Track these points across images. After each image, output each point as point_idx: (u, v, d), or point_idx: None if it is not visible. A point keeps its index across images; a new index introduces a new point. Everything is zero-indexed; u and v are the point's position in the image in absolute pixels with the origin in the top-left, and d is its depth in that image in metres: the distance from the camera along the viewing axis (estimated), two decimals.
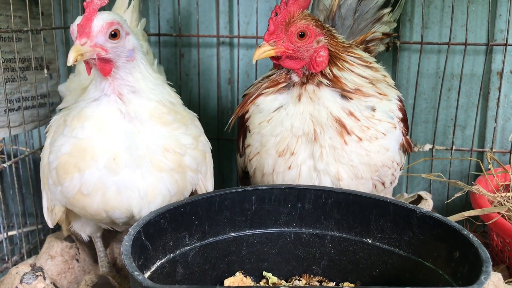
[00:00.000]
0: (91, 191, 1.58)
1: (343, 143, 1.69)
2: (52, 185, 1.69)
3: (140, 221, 1.47)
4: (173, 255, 1.56)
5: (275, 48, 1.64)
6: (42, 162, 1.77)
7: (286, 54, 1.66)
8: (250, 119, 1.83)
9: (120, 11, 2.09)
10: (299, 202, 1.70)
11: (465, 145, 2.48)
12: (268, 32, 1.63)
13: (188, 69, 2.65)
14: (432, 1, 2.37)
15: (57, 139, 1.65)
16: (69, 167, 1.59)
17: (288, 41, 1.64)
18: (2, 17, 2.11)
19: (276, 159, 1.76)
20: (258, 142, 1.80)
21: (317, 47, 1.67)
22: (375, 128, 1.71)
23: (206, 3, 2.54)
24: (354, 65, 1.73)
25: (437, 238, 1.51)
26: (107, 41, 1.52)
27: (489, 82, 2.39)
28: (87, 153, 1.57)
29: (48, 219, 1.83)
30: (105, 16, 1.52)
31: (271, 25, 1.62)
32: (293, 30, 1.64)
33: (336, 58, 1.71)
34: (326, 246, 1.71)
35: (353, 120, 1.69)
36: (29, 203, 2.51)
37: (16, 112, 2.22)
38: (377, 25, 2.01)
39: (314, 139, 1.70)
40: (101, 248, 1.98)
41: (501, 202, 2.09)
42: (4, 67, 2.11)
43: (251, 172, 1.89)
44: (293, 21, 1.63)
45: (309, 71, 1.70)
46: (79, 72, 2.08)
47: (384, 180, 1.80)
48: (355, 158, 1.71)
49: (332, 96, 1.70)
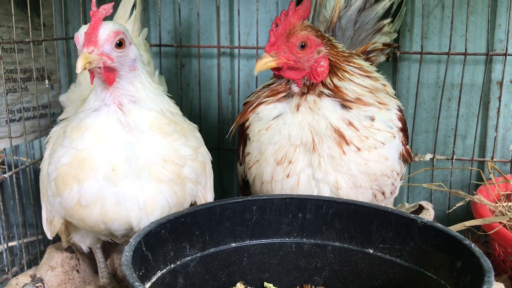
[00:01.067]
0: (90, 203, 1.58)
1: (342, 153, 1.69)
2: (51, 197, 1.68)
3: (141, 232, 1.47)
4: (174, 265, 1.55)
5: (276, 59, 1.63)
6: (42, 173, 1.77)
7: (287, 65, 1.66)
8: (250, 127, 1.84)
9: (121, 20, 2.09)
10: (300, 212, 1.70)
11: (466, 155, 2.48)
12: (269, 44, 1.63)
13: (189, 79, 2.66)
14: (432, 12, 2.38)
15: (57, 150, 1.65)
16: (68, 178, 1.59)
17: (289, 52, 1.64)
18: (4, 28, 2.12)
19: (274, 167, 1.76)
20: (257, 150, 1.81)
21: (317, 57, 1.68)
22: (374, 138, 1.72)
23: (207, 14, 2.56)
24: (354, 75, 1.73)
25: (438, 248, 1.51)
26: (113, 50, 1.52)
27: (489, 92, 2.40)
28: (87, 164, 1.57)
29: (47, 231, 1.82)
30: (111, 25, 1.53)
31: (271, 36, 1.62)
32: (294, 41, 1.64)
33: (337, 68, 1.71)
34: (327, 257, 1.71)
35: (352, 130, 1.70)
36: (30, 213, 2.51)
37: (17, 122, 2.23)
38: (378, 36, 2.02)
39: (312, 149, 1.71)
40: (101, 259, 1.97)
41: (502, 212, 2.08)
42: (5, 78, 2.12)
43: (250, 181, 1.90)
44: (293, 32, 1.63)
45: (310, 81, 1.70)
46: (80, 83, 2.08)
47: (384, 189, 1.80)
48: (353, 168, 1.71)
49: (333, 106, 1.71)
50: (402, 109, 1.86)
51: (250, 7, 2.51)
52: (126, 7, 2.10)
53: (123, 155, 1.57)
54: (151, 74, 2.05)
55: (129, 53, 1.58)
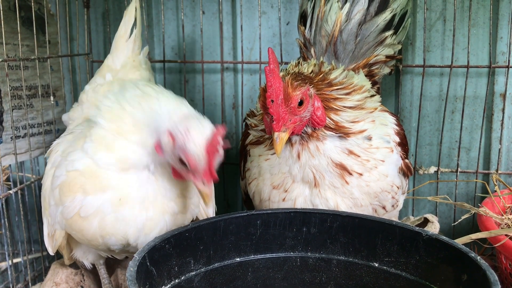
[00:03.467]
0: (90, 215, 1.56)
1: (345, 183, 1.70)
2: (53, 206, 1.67)
3: (145, 247, 1.46)
4: (178, 280, 1.55)
5: (288, 131, 1.61)
6: (44, 186, 1.75)
7: (294, 127, 1.64)
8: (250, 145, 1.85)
9: (122, 39, 2.11)
10: (304, 226, 1.70)
11: (470, 167, 2.47)
12: (275, 123, 1.59)
13: (193, 94, 2.67)
14: (434, 25, 2.39)
15: (73, 153, 1.60)
16: (75, 185, 1.56)
17: (292, 116, 1.61)
18: (10, 46, 2.14)
19: (271, 190, 1.78)
20: (256, 170, 1.82)
21: (311, 102, 1.65)
22: (373, 158, 1.72)
23: (210, 30, 2.58)
24: (343, 99, 1.71)
25: (444, 261, 1.50)
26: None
27: (492, 104, 2.40)
28: (100, 182, 1.54)
29: (48, 246, 1.81)
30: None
31: (274, 114, 1.58)
32: (294, 105, 1.60)
33: (327, 100, 1.69)
34: (332, 271, 1.70)
35: (353, 158, 1.69)
36: (35, 230, 2.51)
37: (22, 139, 2.24)
38: (380, 48, 2.02)
39: (314, 185, 1.72)
40: (105, 275, 1.96)
41: (508, 224, 2.07)
42: (11, 95, 2.14)
43: (251, 195, 1.91)
44: (289, 97, 1.59)
45: (313, 127, 1.68)
46: (82, 102, 2.07)
47: (385, 204, 1.80)
48: (355, 192, 1.72)
49: (332, 143, 1.69)
50: (399, 123, 1.85)
51: (253, 23, 2.53)
52: (127, 26, 2.12)
53: (139, 193, 1.56)
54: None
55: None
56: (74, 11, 2.53)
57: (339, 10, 1.94)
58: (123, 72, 2.08)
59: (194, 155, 1.43)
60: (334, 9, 1.95)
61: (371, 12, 1.96)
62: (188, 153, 1.43)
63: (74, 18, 2.55)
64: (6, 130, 2.16)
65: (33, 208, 2.40)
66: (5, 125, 2.16)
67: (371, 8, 1.96)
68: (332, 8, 1.95)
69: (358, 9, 1.95)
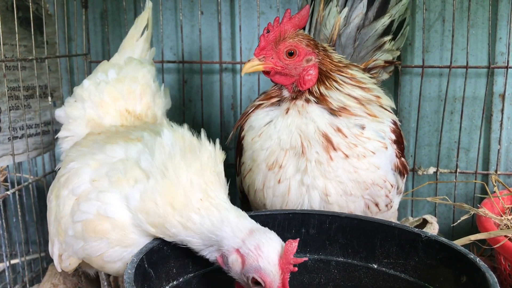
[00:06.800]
0: (113, 260, 1.54)
1: (329, 158, 1.70)
2: (71, 237, 1.56)
3: (143, 248, 1.46)
4: (177, 282, 1.54)
5: (263, 63, 1.69)
6: (58, 208, 1.61)
7: (275, 70, 1.71)
8: (244, 137, 1.86)
9: (132, 40, 2.11)
10: (303, 227, 1.69)
11: (470, 168, 2.47)
12: (258, 48, 1.69)
13: (191, 95, 2.67)
14: (433, 26, 2.39)
15: (109, 195, 1.50)
16: (102, 231, 1.49)
17: (276, 58, 1.69)
18: (7, 46, 2.13)
19: (266, 173, 1.78)
20: (250, 159, 1.83)
21: (306, 65, 1.71)
22: (363, 146, 1.72)
23: (209, 30, 2.58)
24: (344, 84, 1.74)
25: (443, 262, 1.49)
26: None
27: (491, 105, 2.40)
28: (126, 240, 1.51)
29: (57, 265, 1.69)
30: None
31: (262, 41, 1.68)
32: (282, 48, 1.68)
33: (326, 77, 1.73)
34: (331, 272, 1.69)
35: (340, 136, 1.70)
36: (32, 231, 2.50)
37: (20, 139, 2.23)
38: (378, 53, 2.02)
39: (301, 153, 1.72)
40: (105, 277, 1.95)
41: (507, 225, 2.07)
42: (8, 95, 2.13)
43: (246, 190, 1.91)
44: (283, 39, 1.68)
45: (297, 88, 1.73)
46: (83, 99, 1.96)
47: (377, 200, 1.79)
48: (342, 174, 1.72)
49: (321, 111, 1.73)
50: (397, 122, 1.85)
51: (252, 23, 2.53)
52: (138, 28, 2.12)
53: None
54: (157, 89, 2.07)
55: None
56: (72, 12, 2.53)
57: (338, 14, 1.96)
58: (127, 69, 2.03)
59: (270, 274, 1.35)
60: (332, 13, 1.96)
61: (369, 17, 1.98)
62: (263, 272, 1.35)
63: (72, 19, 2.55)
64: (4, 130, 2.15)
65: (30, 209, 2.39)
66: (3, 126, 2.15)
67: (370, 13, 1.97)
68: (331, 12, 1.96)
69: (357, 13, 1.96)
